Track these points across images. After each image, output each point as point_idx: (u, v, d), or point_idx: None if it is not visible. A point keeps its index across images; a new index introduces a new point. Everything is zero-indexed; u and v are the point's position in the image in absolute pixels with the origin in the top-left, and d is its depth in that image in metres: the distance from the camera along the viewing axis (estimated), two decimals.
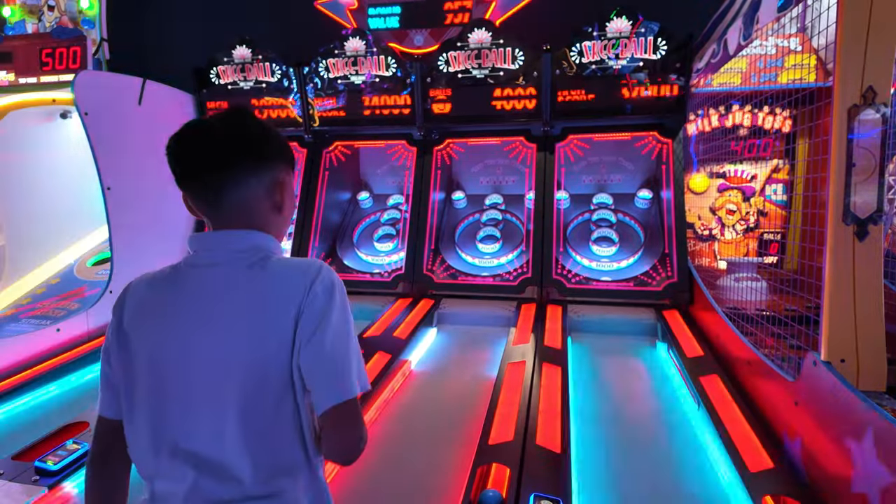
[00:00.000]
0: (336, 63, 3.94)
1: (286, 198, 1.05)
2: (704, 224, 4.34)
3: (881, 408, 1.47)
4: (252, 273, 0.95)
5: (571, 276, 3.66)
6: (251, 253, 0.98)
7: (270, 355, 0.91)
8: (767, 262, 3.95)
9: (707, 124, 4.02)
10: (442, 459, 2.13)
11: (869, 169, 1.62)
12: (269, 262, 0.97)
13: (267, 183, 1.01)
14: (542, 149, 3.91)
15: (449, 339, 3.57)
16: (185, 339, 0.93)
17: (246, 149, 0.98)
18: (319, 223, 4.14)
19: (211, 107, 4.27)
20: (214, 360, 0.91)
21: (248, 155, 0.98)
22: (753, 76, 3.70)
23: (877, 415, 1.42)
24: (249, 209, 1.00)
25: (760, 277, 3.60)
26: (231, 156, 0.97)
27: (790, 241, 3.85)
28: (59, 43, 3.46)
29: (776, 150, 4.06)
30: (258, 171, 1.00)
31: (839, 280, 1.66)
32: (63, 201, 4.18)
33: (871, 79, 1.60)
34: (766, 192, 4.20)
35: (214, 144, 0.96)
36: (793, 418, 1.92)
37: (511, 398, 2.38)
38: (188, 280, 0.97)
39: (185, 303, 0.95)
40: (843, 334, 1.67)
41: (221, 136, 0.96)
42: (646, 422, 2.42)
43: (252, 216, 1.00)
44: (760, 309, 2.77)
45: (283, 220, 1.08)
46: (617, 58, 3.50)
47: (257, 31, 4.22)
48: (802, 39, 3.58)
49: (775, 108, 3.94)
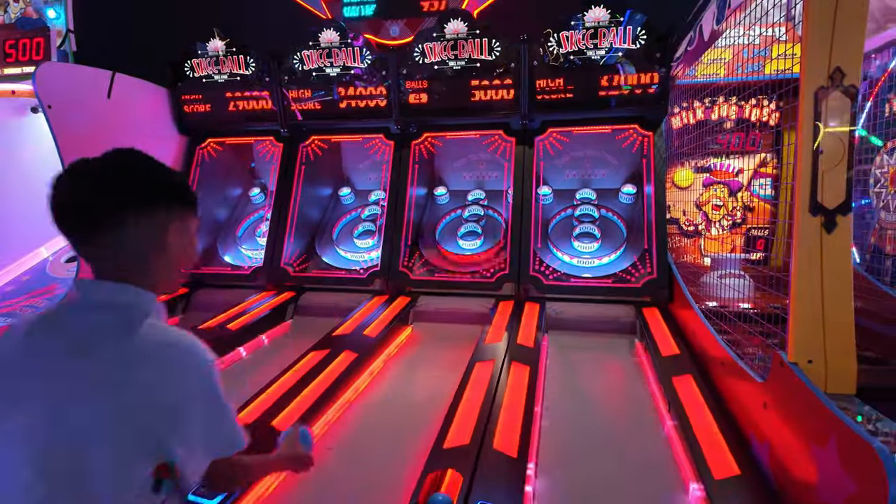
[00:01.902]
0: (310, 55, 3.84)
1: (176, 242, 0.97)
2: (690, 219, 4.23)
3: (846, 413, 1.36)
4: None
5: (549, 273, 3.56)
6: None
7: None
8: (754, 258, 3.84)
9: (691, 117, 3.91)
10: (396, 463, 2.03)
11: (837, 156, 1.51)
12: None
13: (154, 228, 0.93)
14: (521, 142, 3.81)
15: (423, 337, 3.48)
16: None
17: (128, 192, 0.91)
18: (295, 219, 4.04)
19: (186, 99, 4.18)
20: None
21: (130, 200, 0.91)
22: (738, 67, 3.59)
23: (841, 421, 1.31)
24: (132, 257, 0.93)
25: (745, 274, 3.50)
26: (108, 200, 0.89)
27: (778, 237, 3.74)
28: (23, 34, 3.37)
29: (763, 144, 3.95)
30: (141, 217, 0.92)
31: (806, 276, 1.56)
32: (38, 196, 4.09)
33: (839, 59, 1.49)
34: (753, 186, 4.09)
35: (91, 188, 0.89)
36: (761, 421, 1.82)
37: (474, 399, 2.28)
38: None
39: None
40: (810, 334, 1.57)
41: (100, 180, 0.90)
42: (615, 424, 2.32)
43: (132, 265, 0.93)
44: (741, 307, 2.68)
45: (171, 266, 0.99)
46: (596, 47, 3.39)
47: (233, 23, 4.12)
48: (788, 28, 3.47)
49: (762, 99, 3.83)
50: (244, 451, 1.02)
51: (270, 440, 2.09)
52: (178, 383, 0.88)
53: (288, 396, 2.35)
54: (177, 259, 0.99)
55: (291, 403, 2.30)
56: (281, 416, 2.20)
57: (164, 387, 0.86)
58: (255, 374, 2.74)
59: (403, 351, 3.26)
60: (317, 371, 2.60)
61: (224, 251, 4.36)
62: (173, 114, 4.20)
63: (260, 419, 2.17)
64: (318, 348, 2.87)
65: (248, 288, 3.96)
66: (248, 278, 3.95)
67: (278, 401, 2.32)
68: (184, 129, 4.26)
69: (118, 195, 0.90)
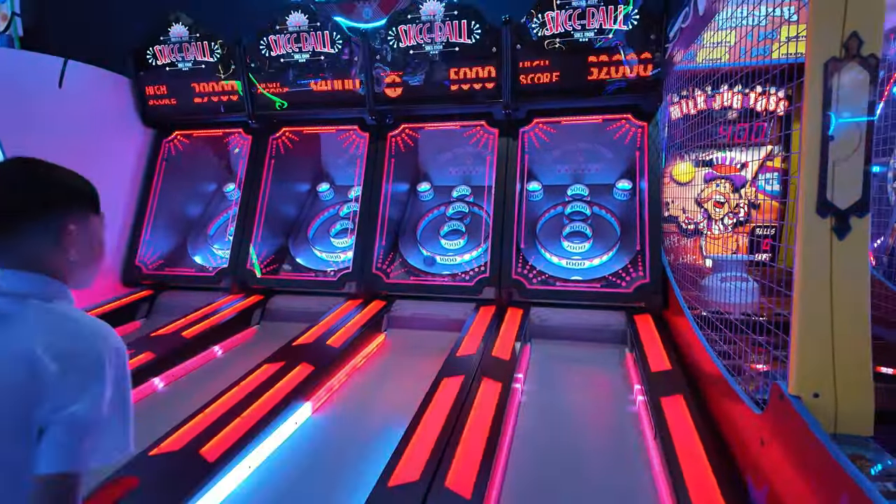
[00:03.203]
0: (278, 40, 3.56)
1: (79, 244, 1.01)
2: (690, 217, 3.92)
3: (858, 465, 1.08)
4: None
5: (533, 277, 3.27)
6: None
7: None
8: (759, 259, 3.54)
9: (692, 106, 3.60)
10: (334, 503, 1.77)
11: (852, 144, 1.22)
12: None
13: (53, 233, 0.98)
14: (504, 134, 3.52)
15: (396, 345, 3.21)
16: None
17: (23, 200, 0.96)
18: (263, 217, 3.78)
19: (149, 88, 3.92)
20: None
21: (25, 207, 0.96)
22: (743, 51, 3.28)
23: (849, 477, 1.03)
24: (35, 257, 0.97)
25: (749, 277, 3.20)
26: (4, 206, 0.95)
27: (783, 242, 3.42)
28: None
29: (770, 135, 3.64)
30: (37, 223, 0.97)
31: (811, 291, 1.27)
32: None
33: (855, 23, 1.20)
34: (759, 181, 3.77)
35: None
36: (759, 460, 1.53)
37: (432, 424, 2.01)
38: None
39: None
40: (816, 362, 1.28)
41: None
42: (593, 454, 2.04)
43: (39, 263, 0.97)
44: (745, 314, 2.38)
45: (79, 265, 1.03)
46: (584, 29, 3.09)
47: (199, 5, 3.85)
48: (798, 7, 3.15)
49: (768, 86, 3.51)
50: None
51: (196, 472, 1.85)
52: (67, 360, 0.88)
53: (225, 419, 2.09)
54: (82, 257, 1.02)
55: (227, 427, 2.03)
56: (212, 442, 1.94)
57: (53, 359, 0.87)
58: (203, 389, 2.48)
59: (372, 361, 2.99)
60: (265, 387, 2.33)
61: (194, 251, 4.12)
62: (136, 105, 3.94)
63: (187, 447, 1.91)
64: (272, 360, 2.61)
65: (215, 290, 3.71)
66: (213, 280, 3.70)
67: (213, 424, 2.05)
68: (148, 120, 4.01)
69: (12, 203, 0.95)
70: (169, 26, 3.75)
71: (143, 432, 2.00)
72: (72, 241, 1.00)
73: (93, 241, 1.05)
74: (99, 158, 3.63)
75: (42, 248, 0.97)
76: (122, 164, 3.88)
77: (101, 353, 0.92)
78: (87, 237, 1.03)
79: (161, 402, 2.58)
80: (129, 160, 3.93)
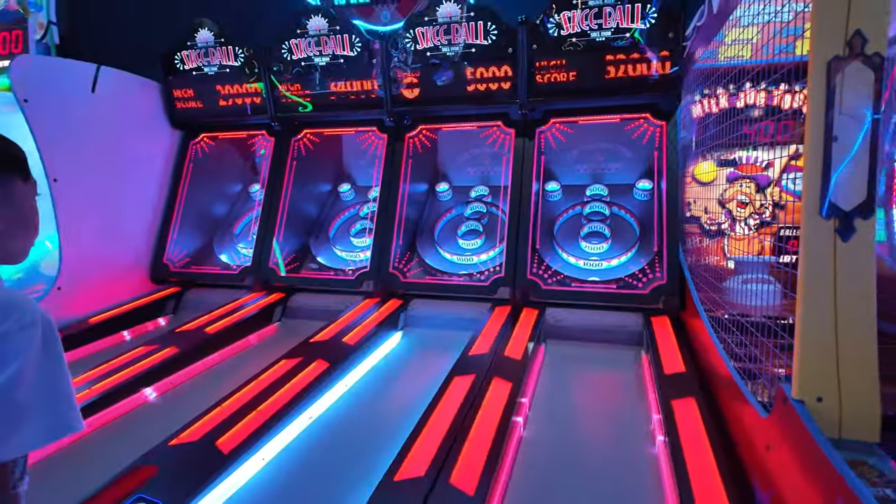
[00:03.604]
0: (298, 44, 3.64)
1: (3, 212, 0.94)
2: (712, 218, 3.85)
3: (858, 471, 1.06)
4: None
5: (548, 277, 3.27)
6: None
7: None
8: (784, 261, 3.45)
9: (713, 104, 3.53)
10: (339, 495, 1.82)
11: (856, 144, 1.20)
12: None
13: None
14: (521, 134, 3.52)
15: (412, 344, 3.25)
16: None
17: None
18: (285, 218, 3.87)
19: (177, 92, 4.06)
20: None
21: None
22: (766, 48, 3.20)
23: (845, 482, 1.01)
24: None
25: (772, 279, 3.12)
26: None
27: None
28: (2, 27, 3.29)
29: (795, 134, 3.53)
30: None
31: (814, 293, 1.25)
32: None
33: (859, 20, 1.17)
34: (784, 181, 3.67)
35: None
36: (765, 465, 1.51)
37: (441, 421, 2.04)
38: None
39: None
40: (819, 365, 1.26)
41: None
42: (602, 456, 2.03)
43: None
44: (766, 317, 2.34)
45: (3, 235, 0.95)
46: (600, 28, 3.07)
47: (224, 11, 3.97)
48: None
49: (794, 84, 3.41)
50: None
51: (212, 463, 1.92)
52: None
53: (242, 412, 2.16)
54: (11, 224, 0.95)
55: (243, 420, 2.10)
56: (228, 434, 2.01)
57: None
58: (223, 383, 2.56)
59: (388, 359, 3.04)
60: (282, 382, 2.40)
61: (220, 249, 4.24)
62: (165, 108, 4.08)
63: (204, 439, 1.99)
64: (290, 357, 2.68)
65: (239, 288, 3.82)
66: (237, 278, 3.81)
67: (230, 417, 2.13)
68: (176, 123, 4.15)
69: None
70: (195, 32, 3.87)
71: (164, 423, 2.10)
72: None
73: (18, 210, 0.96)
74: (130, 160, 3.78)
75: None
76: (151, 166, 4.03)
77: (13, 325, 0.84)
78: (11, 205, 0.95)
79: (183, 395, 2.68)
80: (158, 161, 4.08)
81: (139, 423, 2.40)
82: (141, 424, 2.38)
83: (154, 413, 2.50)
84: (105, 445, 2.21)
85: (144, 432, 2.08)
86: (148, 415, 2.48)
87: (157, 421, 2.33)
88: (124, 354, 2.77)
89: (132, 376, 2.56)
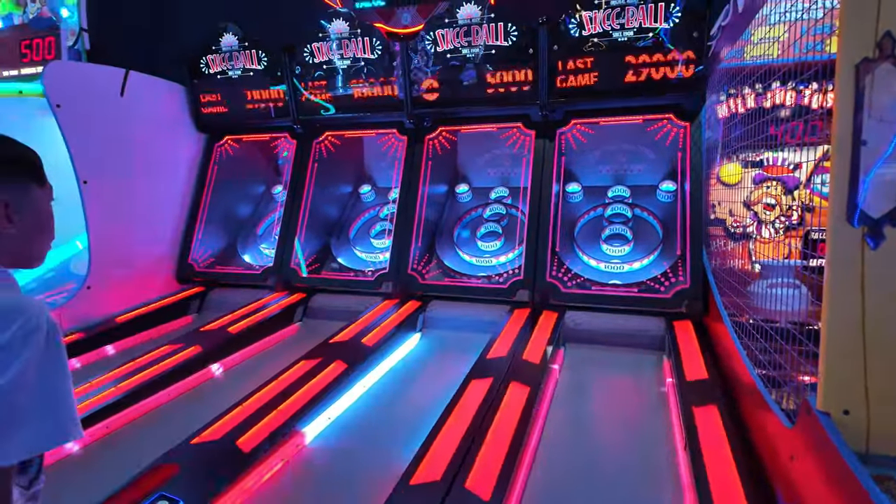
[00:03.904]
0: (320, 47, 3.68)
1: (16, 220, 0.95)
2: (737, 220, 3.76)
3: (881, 488, 1.03)
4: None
5: (568, 280, 3.23)
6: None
7: None
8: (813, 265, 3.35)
9: (739, 104, 3.45)
10: (358, 499, 1.83)
11: (887, 148, 1.16)
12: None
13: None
14: (541, 135, 3.49)
15: (430, 345, 3.26)
16: None
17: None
18: (307, 219, 3.91)
19: (202, 96, 4.14)
20: None
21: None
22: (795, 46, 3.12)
23: (871, 500, 0.98)
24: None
25: (800, 284, 3.04)
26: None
27: None
28: (36, 34, 3.40)
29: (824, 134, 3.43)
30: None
31: (841, 302, 1.21)
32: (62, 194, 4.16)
33: (889, 21, 1.14)
34: (814, 183, 3.57)
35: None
36: (788, 476, 1.47)
37: (458, 425, 2.03)
38: None
39: None
40: (846, 376, 1.23)
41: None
42: (621, 464, 2.01)
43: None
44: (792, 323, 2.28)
45: (19, 239, 0.97)
46: (623, 28, 3.03)
47: (248, 15, 4.03)
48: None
49: (825, 83, 3.32)
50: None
51: (233, 461, 1.96)
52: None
53: (262, 412, 2.19)
54: (22, 231, 0.96)
55: (264, 419, 2.14)
56: (249, 433, 2.04)
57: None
58: (245, 382, 2.60)
59: (406, 360, 3.05)
60: (301, 383, 2.43)
61: (243, 250, 4.31)
62: (190, 111, 4.17)
63: (225, 438, 2.02)
64: (310, 357, 2.71)
65: (261, 288, 3.88)
66: (259, 279, 3.87)
67: (251, 416, 2.16)
68: (201, 126, 4.23)
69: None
70: (220, 36, 3.94)
71: (187, 421, 2.15)
72: (7, 212, 0.93)
73: (35, 216, 0.98)
74: (156, 162, 3.88)
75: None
76: (177, 168, 4.12)
77: (17, 330, 0.84)
78: (28, 210, 0.96)
79: (207, 393, 2.73)
80: (184, 163, 4.16)
81: (162, 421, 2.45)
82: (164, 422, 2.44)
83: (177, 411, 2.55)
84: (128, 443, 2.27)
85: (167, 430, 2.13)
86: (171, 413, 2.54)
87: (179, 419, 2.38)
88: (149, 353, 2.83)
89: (156, 375, 2.62)
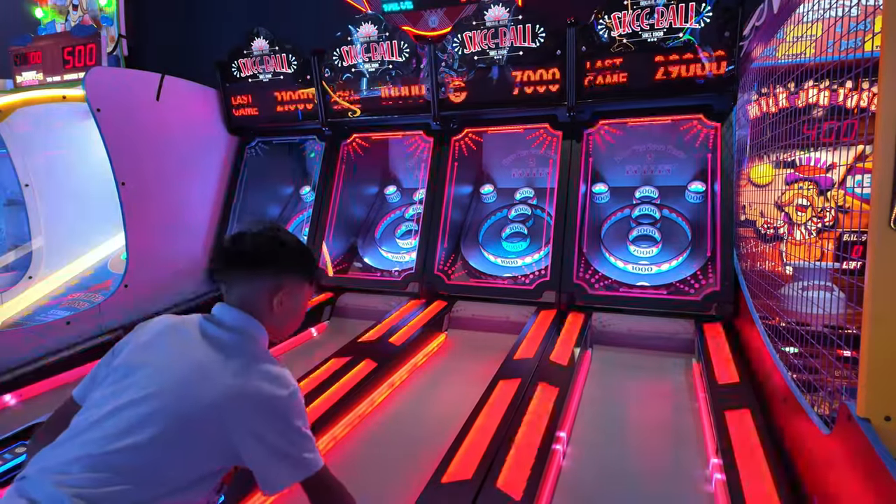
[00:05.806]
0: (350, 50, 3.74)
1: (286, 302, 1.23)
2: (769, 222, 3.70)
3: None
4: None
5: (596, 281, 3.23)
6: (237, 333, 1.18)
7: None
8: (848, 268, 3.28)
9: (771, 104, 3.39)
10: (387, 494, 1.86)
11: None
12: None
13: (269, 286, 1.21)
14: (568, 136, 3.49)
15: (456, 345, 3.28)
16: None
17: (256, 258, 1.21)
18: (334, 219, 3.97)
19: (234, 99, 4.23)
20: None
21: (255, 263, 1.21)
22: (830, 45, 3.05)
23: None
24: (251, 301, 1.21)
25: (834, 287, 2.98)
26: (240, 261, 1.22)
27: None
28: (77, 41, 3.52)
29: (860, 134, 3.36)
30: (261, 276, 1.22)
31: (884, 306, 1.20)
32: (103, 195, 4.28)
33: None
34: (848, 184, 3.49)
35: (256, 246, 1.22)
36: (826, 485, 1.46)
37: (488, 424, 2.06)
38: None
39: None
40: (889, 381, 1.21)
41: (262, 243, 1.22)
42: (651, 466, 2.01)
43: (252, 306, 1.21)
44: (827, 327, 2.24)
45: (280, 319, 1.25)
46: (652, 28, 3.00)
47: (279, 19, 4.11)
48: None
49: (861, 82, 3.24)
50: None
51: None
52: (257, 406, 1.07)
53: None
54: (284, 314, 1.24)
55: None
56: None
57: (246, 403, 1.06)
58: None
59: (432, 360, 3.08)
60: (332, 381, 2.48)
61: None
62: (222, 114, 4.27)
63: None
64: (340, 355, 2.76)
65: None
66: None
67: None
68: (233, 128, 4.33)
69: (260, 256, 1.21)
70: (251, 40, 4.03)
71: None
72: (282, 297, 1.22)
73: (297, 304, 1.27)
74: (191, 164, 3.98)
75: (260, 296, 1.20)
76: (210, 169, 4.22)
77: (285, 397, 1.11)
78: (295, 299, 1.25)
79: None
80: (216, 165, 4.26)
81: None
82: None
83: None
84: None
85: None
86: None
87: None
88: None
89: None
